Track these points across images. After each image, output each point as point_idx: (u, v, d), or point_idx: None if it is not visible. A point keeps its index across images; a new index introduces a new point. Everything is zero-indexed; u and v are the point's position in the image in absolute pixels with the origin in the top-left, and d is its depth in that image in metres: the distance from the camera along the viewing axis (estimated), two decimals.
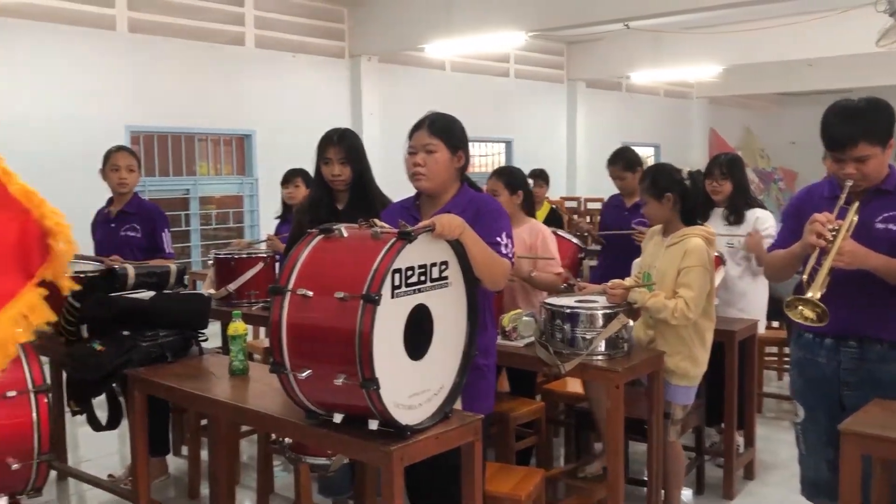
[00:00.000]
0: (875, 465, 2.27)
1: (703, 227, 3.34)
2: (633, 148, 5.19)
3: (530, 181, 4.24)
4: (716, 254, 3.82)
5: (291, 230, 3.44)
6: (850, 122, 2.51)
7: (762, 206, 4.22)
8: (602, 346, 3.04)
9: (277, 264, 4.18)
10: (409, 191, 2.75)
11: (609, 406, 2.98)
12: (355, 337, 1.96)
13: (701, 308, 3.21)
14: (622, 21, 8.42)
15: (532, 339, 3.23)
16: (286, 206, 4.83)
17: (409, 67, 10.03)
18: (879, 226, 2.55)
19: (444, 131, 2.59)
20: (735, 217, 4.14)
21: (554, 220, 6.06)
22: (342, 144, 3.22)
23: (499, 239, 2.51)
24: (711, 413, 4.01)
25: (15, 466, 2.49)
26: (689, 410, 3.57)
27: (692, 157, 13.72)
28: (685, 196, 3.29)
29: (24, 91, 6.76)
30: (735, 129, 16.73)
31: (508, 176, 3.83)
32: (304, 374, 2.07)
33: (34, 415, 2.56)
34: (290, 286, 2.10)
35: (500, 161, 11.78)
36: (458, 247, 2.29)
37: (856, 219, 2.50)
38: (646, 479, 3.43)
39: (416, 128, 2.62)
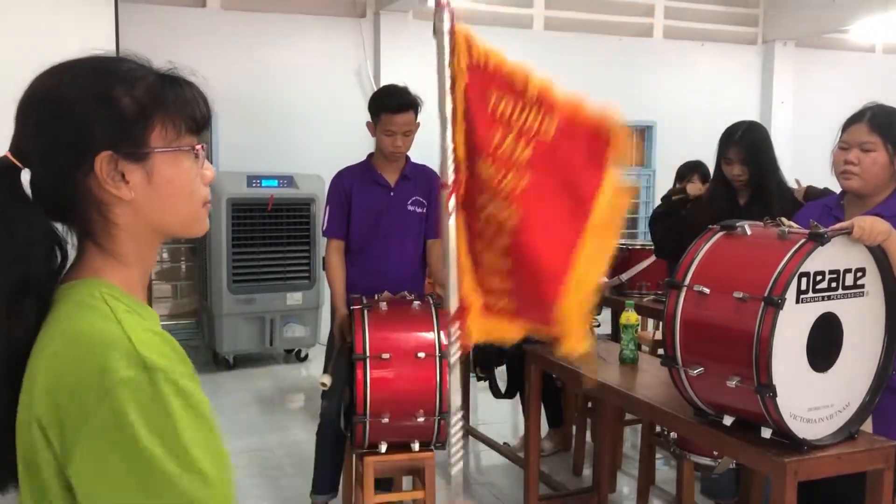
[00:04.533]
0: None
1: None
2: None
3: None
4: None
5: (688, 225, 3.38)
6: None
7: None
8: None
9: None
10: (816, 184, 2.54)
11: None
12: (753, 340, 1.89)
13: None
14: None
15: None
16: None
17: (830, 51, 9.14)
18: None
19: (886, 128, 2.33)
20: None
21: None
22: (742, 143, 3.07)
23: None
24: None
25: (420, 420, 2.85)
26: None
27: None
28: None
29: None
30: None
31: None
32: (695, 372, 2.05)
33: (437, 377, 2.85)
34: (687, 281, 2.09)
35: None
36: (879, 254, 2.07)
37: None
38: None
39: (853, 121, 2.38)
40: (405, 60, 6.71)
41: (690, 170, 4.63)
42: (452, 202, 1.73)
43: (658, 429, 3.55)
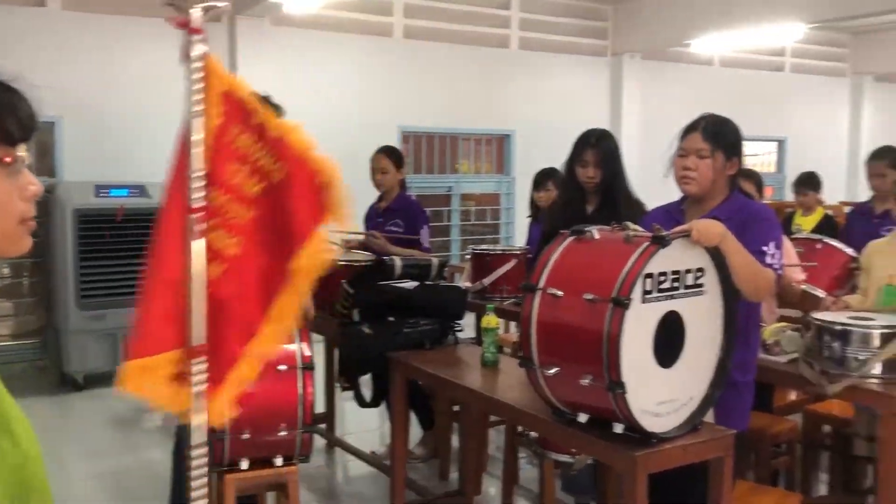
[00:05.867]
0: None
1: None
2: None
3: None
4: None
5: (543, 229, 3.51)
6: None
7: None
8: (878, 369, 2.77)
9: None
10: (666, 192, 2.69)
11: (881, 434, 2.71)
12: (603, 339, 1.97)
13: None
14: None
15: (796, 355, 3.02)
16: (536, 207, 4.88)
17: (674, 64, 9.72)
18: None
19: (719, 136, 2.49)
20: None
21: (827, 226, 5.58)
22: (599, 147, 3.22)
23: (765, 248, 2.38)
24: None
25: (283, 434, 2.79)
26: None
27: None
28: None
29: (317, 95, 7.45)
30: None
31: None
32: (551, 372, 2.11)
33: (300, 389, 2.80)
34: (542, 285, 2.15)
35: (772, 161, 11.03)
36: (717, 254, 2.21)
37: None
38: None
39: (690, 130, 2.54)
40: (263, 67, 6.58)
41: (546, 177, 4.79)
42: (199, 226, 1.80)
43: (520, 429, 3.63)
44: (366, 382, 4.01)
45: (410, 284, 3.34)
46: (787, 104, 10.80)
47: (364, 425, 4.88)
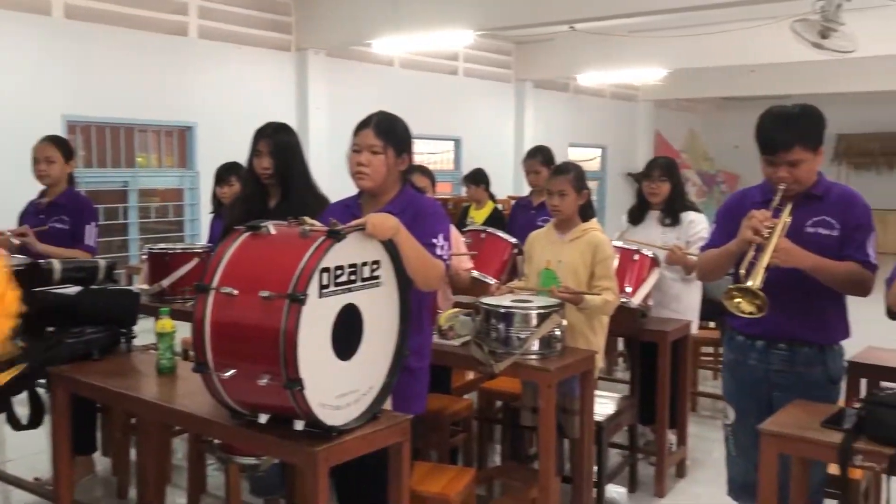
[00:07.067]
0: (794, 464, 2.33)
1: (596, 222, 3.51)
2: None
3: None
4: (650, 255, 3.89)
5: (224, 226, 3.38)
6: (785, 128, 2.59)
7: (696, 209, 4.29)
8: (536, 346, 3.06)
9: None
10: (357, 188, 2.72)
11: (542, 405, 3.00)
12: (279, 337, 1.93)
13: None
14: (569, 22, 8.49)
15: (468, 338, 3.23)
16: (219, 203, 4.70)
17: (358, 63, 9.95)
18: (809, 230, 2.63)
19: (390, 133, 2.57)
20: (671, 219, 4.20)
21: (496, 219, 6.08)
22: (273, 138, 3.19)
23: (435, 240, 2.51)
24: (645, 412, 4.07)
25: None
26: (623, 409, 3.61)
27: (638, 160, 13.90)
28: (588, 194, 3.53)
29: None
30: (680, 132, 17.00)
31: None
32: (227, 374, 2.03)
33: None
34: (215, 284, 2.06)
35: (450, 160, 11.77)
36: (391, 247, 2.28)
37: (789, 220, 2.56)
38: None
39: (362, 126, 2.60)
40: None
41: (229, 171, 4.64)
42: None
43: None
44: (23, 401, 3.58)
45: (73, 289, 3.03)
46: (461, 106, 11.59)
47: (30, 449, 4.36)
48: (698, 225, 4.13)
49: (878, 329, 3.02)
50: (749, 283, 2.41)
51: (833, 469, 2.43)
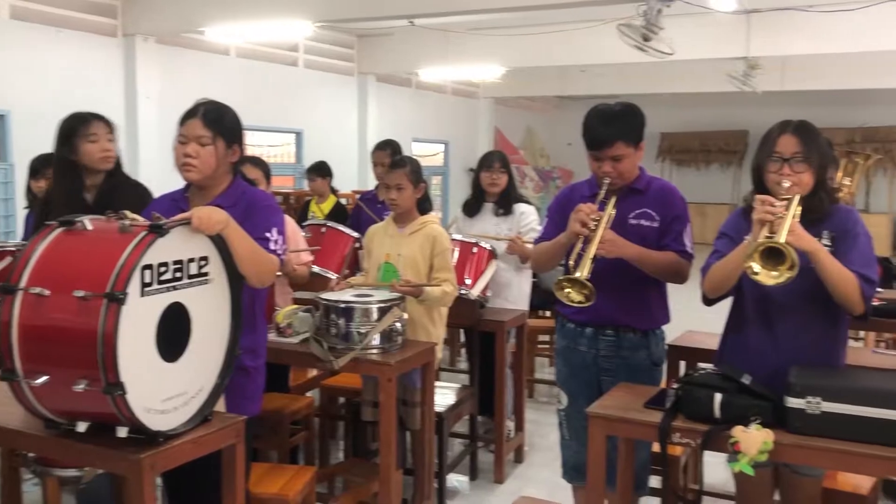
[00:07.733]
0: (619, 445, 2.45)
1: (434, 215, 3.57)
2: None
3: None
4: (488, 248, 3.98)
5: (36, 221, 3.14)
6: (608, 124, 2.73)
7: (527, 202, 4.45)
8: (377, 340, 3.05)
9: None
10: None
11: (382, 399, 3.00)
12: (97, 339, 1.81)
13: None
14: (408, 17, 8.51)
15: (308, 334, 3.17)
16: (34, 196, 4.35)
17: (191, 51, 9.52)
18: (632, 221, 2.79)
19: (219, 123, 2.45)
20: (505, 210, 4.33)
21: (339, 213, 6.02)
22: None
23: (268, 234, 2.43)
24: (484, 403, 4.16)
25: None
26: (463, 399, 3.68)
27: (479, 155, 14.17)
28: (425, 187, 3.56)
29: None
30: (518, 129, 17.55)
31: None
32: (39, 381, 1.88)
33: None
34: (23, 284, 1.90)
35: (291, 152, 11.54)
36: (220, 242, 2.19)
37: (614, 212, 2.70)
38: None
39: (189, 116, 2.46)
40: None
41: (45, 163, 4.29)
42: None
43: None
44: None
45: None
46: (302, 98, 11.38)
47: None
48: (529, 216, 4.28)
49: (694, 314, 3.24)
50: (577, 274, 2.51)
51: (656, 447, 2.57)
